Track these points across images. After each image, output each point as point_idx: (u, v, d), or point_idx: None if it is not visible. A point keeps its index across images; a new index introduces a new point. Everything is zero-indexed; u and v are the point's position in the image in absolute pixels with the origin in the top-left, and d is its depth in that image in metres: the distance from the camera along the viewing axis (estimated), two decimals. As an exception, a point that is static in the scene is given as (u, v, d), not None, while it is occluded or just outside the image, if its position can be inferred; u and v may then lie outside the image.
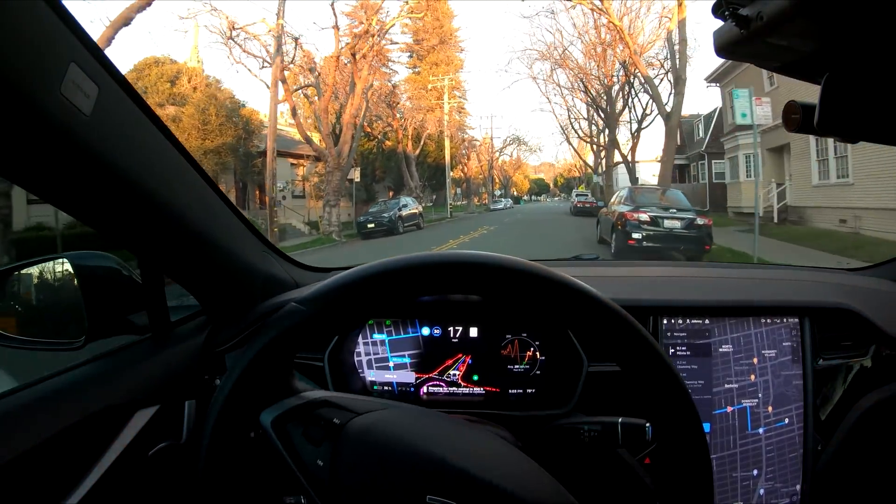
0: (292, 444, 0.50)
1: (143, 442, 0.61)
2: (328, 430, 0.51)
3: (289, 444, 0.50)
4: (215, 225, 0.67)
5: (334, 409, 0.52)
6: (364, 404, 0.53)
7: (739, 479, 0.79)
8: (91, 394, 0.60)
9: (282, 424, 0.51)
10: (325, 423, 0.51)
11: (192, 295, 0.73)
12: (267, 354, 0.48)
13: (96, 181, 0.48)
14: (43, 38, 0.40)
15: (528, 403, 0.80)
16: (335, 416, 0.51)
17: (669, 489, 0.46)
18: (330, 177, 14.75)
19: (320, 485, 0.49)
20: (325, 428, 0.51)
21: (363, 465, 0.48)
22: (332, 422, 0.51)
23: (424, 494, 0.44)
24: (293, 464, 0.50)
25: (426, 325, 0.83)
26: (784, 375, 0.81)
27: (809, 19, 0.36)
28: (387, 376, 0.84)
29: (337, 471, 0.48)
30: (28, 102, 0.39)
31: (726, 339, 0.81)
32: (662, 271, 1.03)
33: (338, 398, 0.54)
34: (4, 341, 0.66)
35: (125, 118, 0.50)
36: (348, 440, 0.49)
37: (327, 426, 0.51)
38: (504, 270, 0.46)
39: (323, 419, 0.51)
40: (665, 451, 0.47)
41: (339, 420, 0.51)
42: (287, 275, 0.88)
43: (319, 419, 0.51)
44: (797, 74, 0.44)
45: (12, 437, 0.51)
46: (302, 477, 0.49)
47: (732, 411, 0.80)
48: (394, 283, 0.47)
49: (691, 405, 0.46)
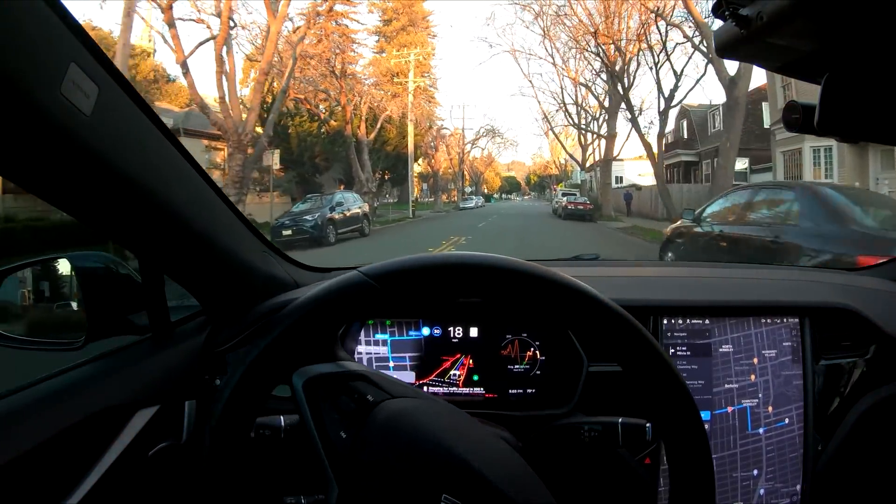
0: (319, 410, 0.50)
1: (143, 442, 0.61)
2: (360, 404, 0.50)
3: (315, 408, 0.50)
4: (215, 224, 0.67)
5: (370, 386, 0.51)
6: (401, 388, 0.53)
7: (739, 479, 0.79)
8: (91, 394, 0.60)
9: (313, 388, 0.50)
10: (359, 396, 0.50)
11: (192, 295, 0.73)
12: (323, 314, 0.47)
13: (96, 181, 0.48)
14: (43, 38, 0.40)
15: (528, 403, 0.80)
16: (369, 393, 0.51)
17: (671, 489, 0.46)
18: (230, 161, 10.78)
19: (336, 456, 0.48)
20: (358, 402, 0.50)
21: (386, 448, 0.47)
22: (366, 398, 0.50)
23: (441, 492, 0.44)
24: (315, 429, 0.49)
25: (426, 326, 0.83)
26: (784, 375, 0.81)
27: (809, 19, 0.36)
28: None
29: (359, 447, 0.48)
30: (28, 102, 0.39)
31: (726, 339, 0.81)
32: (662, 271, 1.03)
33: (376, 376, 0.53)
34: (4, 341, 0.66)
35: (125, 118, 0.50)
36: (377, 420, 0.49)
37: (360, 401, 0.50)
38: (504, 271, 0.46)
39: (357, 392, 0.51)
40: (666, 450, 0.47)
41: (372, 398, 0.50)
42: (287, 275, 0.87)
43: (353, 392, 0.51)
44: (797, 74, 0.44)
45: (12, 437, 0.51)
46: (320, 444, 0.48)
47: (733, 411, 0.80)
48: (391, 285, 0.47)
49: (692, 405, 0.46)
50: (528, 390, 0.81)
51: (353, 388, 0.51)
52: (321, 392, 0.51)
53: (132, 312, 0.69)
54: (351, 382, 0.51)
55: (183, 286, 0.70)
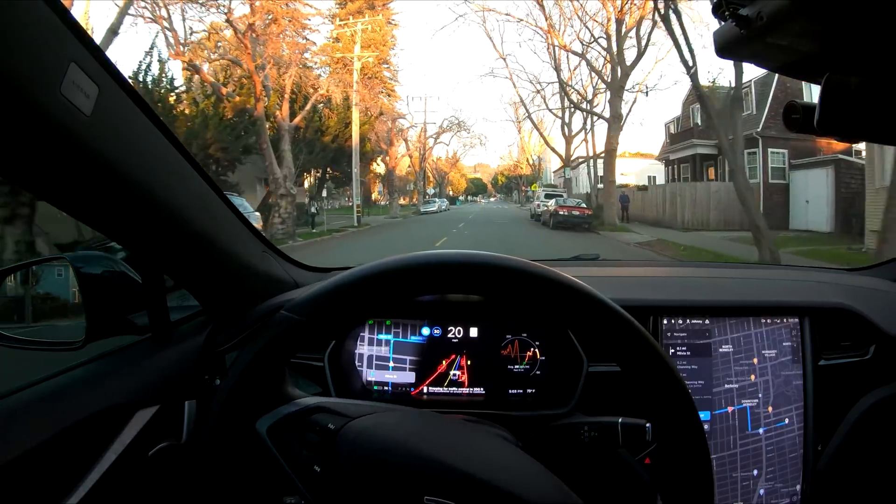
0: (290, 451, 0.51)
1: (143, 442, 0.61)
2: (323, 435, 0.51)
3: (286, 450, 0.51)
4: (215, 224, 0.67)
5: (328, 415, 0.52)
6: (357, 408, 0.53)
7: (739, 479, 0.79)
8: (91, 394, 0.60)
9: (278, 432, 0.51)
10: (321, 428, 0.51)
11: (192, 295, 0.73)
12: (259, 363, 0.48)
13: (96, 181, 0.48)
14: (43, 38, 0.40)
15: (528, 403, 0.80)
16: (329, 422, 0.51)
17: (670, 489, 0.46)
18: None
19: (318, 490, 0.49)
20: (321, 434, 0.51)
21: (359, 469, 0.48)
22: (327, 427, 0.51)
23: (422, 495, 0.44)
24: (291, 471, 0.50)
25: (426, 326, 0.83)
26: (784, 375, 0.81)
27: (809, 19, 0.36)
28: (387, 376, 0.84)
29: (333, 475, 0.49)
30: (28, 102, 0.39)
31: (726, 339, 0.81)
32: (663, 271, 1.03)
33: (331, 403, 0.54)
34: (4, 341, 0.66)
35: (125, 118, 0.50)
36: (343, 445, 0.50)
37: (322, 432, 0.51)
38: (503, 270, 0.46)
39: (318, 425, 0.51)
40: (665, 450, 0.47)
41: (333, 426, 0.51)
42: (287, 275, 0.88)
43: (314, 425, 0.52)
44: (797, 74, 0.44)
45: (12, 437, 0.51)
46: (300, 483, 0.49)
47: (732, 411, 0.80)
48: (390, 285, 0.47)
49: (691, 405, 0.46)
50: (527, 390, 0.81)
51: (313, 421, 0.52)
52: (286, 433, 0.52)
53: (132, 312, 0.69)
54: (310, 417, 0.52)
55: (183, 286, 0.70)
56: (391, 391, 0.83)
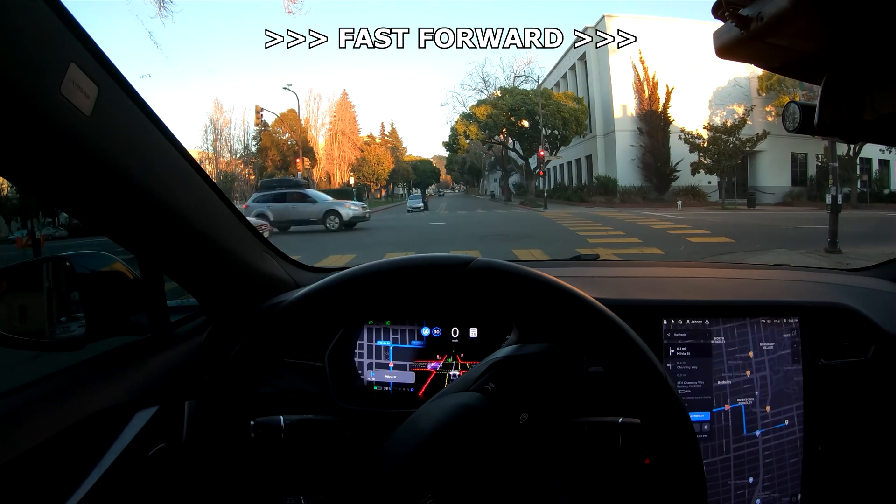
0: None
1: (142, 442, 0.61)
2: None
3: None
4: (215, 224, 0.67)
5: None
6: None
7: (733, 488, 0.76)
8: (91, 394, 0.60)
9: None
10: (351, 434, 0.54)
11: (192, 295, 0.73)
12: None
13: (96, 181, 0.48)
14: (43, 38, 0.40)
15: None
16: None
17: (661, 491, 0.46)
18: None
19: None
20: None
21: None
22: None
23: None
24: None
25: (426, 326, 0.83)
26: (783, 376, 0.81)
27: (809, 19, 0.36)
28: (386, 377, 0.84)
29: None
30: (28, 102, 0.39)
31: (726, 340, 0.81)
32: (663, 271, 1.03)
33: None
34: (4, 341, 0.66)
35: (125, 118, 0.50)
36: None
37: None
38: (484, 271, 0.45)
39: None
40: (655, 452, 0.46)
41: None
42: (287, 275, 0.88)
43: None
44: (797, 74, 0.44)
45: (12, 437, 0.51)
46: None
47: (728, 411, 0.79)
48: (367, 290, 0.46)
49: (678, 404, 0.44)
50: None
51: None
52: None
53: (132, 312, 0.69)
54: None
55: (183, 286, 0.70)
56: (391, 391, 0.83)
